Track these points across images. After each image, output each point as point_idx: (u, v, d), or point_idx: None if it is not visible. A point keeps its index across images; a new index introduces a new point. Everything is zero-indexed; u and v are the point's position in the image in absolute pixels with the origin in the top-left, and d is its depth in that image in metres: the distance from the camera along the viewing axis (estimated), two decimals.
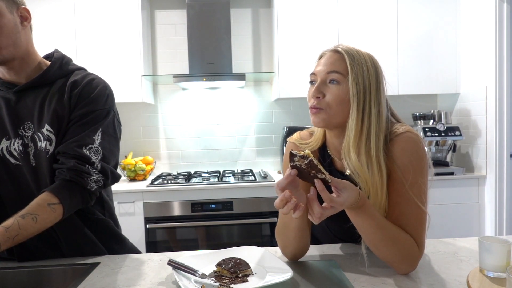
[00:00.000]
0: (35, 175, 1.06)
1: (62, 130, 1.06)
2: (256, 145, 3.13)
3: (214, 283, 0.86)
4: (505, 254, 0.83)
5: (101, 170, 1.06)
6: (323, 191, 0.78)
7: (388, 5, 2.76)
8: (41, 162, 1.05)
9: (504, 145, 2.58)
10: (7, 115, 1.07)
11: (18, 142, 1.06)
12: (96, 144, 1.06)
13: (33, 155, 1.06)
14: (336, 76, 0.95)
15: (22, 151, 1.06)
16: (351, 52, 0.96)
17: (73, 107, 1.07)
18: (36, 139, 1.06)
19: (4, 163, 1.07)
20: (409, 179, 0.92)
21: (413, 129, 0.99)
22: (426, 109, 3.06)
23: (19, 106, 1.08)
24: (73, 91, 1.07)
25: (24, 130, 1.07)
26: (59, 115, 1.06)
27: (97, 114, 1.08)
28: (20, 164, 1.07)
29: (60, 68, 1.11)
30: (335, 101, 0.95)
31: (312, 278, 0.92)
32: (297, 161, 0.79)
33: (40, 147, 1.05)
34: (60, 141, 1.05)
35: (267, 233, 2.50)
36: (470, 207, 2.65)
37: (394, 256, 0.90)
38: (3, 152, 1.07)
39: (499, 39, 2.54)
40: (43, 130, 1.05)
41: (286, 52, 2.75)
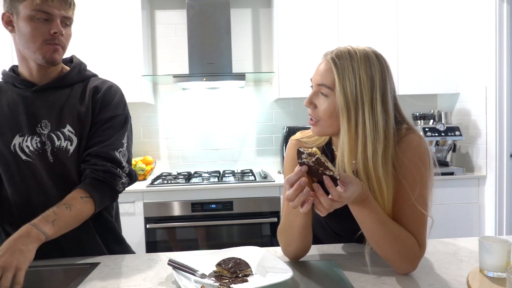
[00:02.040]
0: (54, 171, 1.10)
1: (84, 132, 1.11)
2: (256, 145, 3.13)
3: (214, 283, 0.86)
4: (505, 254, 0.84)
5: (128, 173, 1.14)
6: (331, 188, 0.79)
7: (388, 5, 2.76)
8: (59, 159, 1.10)
9: (504, 145, 2.58)
10: (23, 112, 1.11)
11: (36, 140, 1.10)
12: (124, 148, 1.15)
13: (51, 153, 1.10)
14: (324, 90, 0.95)
15: (40, 148, 1.10)
16: (343, 61, 0.92)
17: (96, 112, 1.13)
18: (53, 138, 1.10)
19: (15, 159, 1.10)
20: (411, 181, 0.92)
21: (415, 130, 0.98)
22: (426, 109, 3.06)
23: (37, 104, 1.12)
24: (95, 97, 1.14)
25: (41, 128, 1.10)
26: (81, 118, 1.12)
27: (120, 119, 1.16)
28: (32, 161, 1.10)
29: (79, 73, 1.18)
30: (325, 114, 0.95)
31: (312, 278, 0.92)
32: (304, 158, 0.80)
33: (59, 146, 1.10)
34: (81, 143, 1.11)
35: (267, 233, 2.50)
36: (470, 207, 2.65)
37: (395, 254, 0.90)
38: (15, 148, 1.10)
39: (499, 39, 2.54)
40: (64, 130, 1.11)
41: (286, 52, 2.75)
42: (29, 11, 1.03)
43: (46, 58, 1.07)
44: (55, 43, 1.06)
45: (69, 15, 1.09)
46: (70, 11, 1.09)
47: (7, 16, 1.08)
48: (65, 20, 1.08)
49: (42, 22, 1.04)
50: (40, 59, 1.07)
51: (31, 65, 1.11)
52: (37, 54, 1.06)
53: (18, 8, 1.05)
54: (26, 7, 1.03)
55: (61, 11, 1.06)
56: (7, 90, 1.15)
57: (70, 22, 1.10)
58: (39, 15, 1.03)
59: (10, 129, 1.11)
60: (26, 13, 1.03)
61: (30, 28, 1.04)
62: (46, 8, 1.03)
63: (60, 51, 1.09)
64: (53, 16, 1.05)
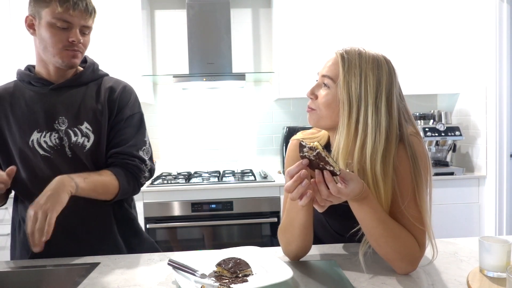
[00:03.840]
0: (72, 165, 1.14)
1: (101, 130, 1.16)
2: (256, 145, 3.13)
3: (214, 283, 0.86)
4: (505, 254, 0.84)
5: (150, 169, 1.22)
6: (331, 183, 0.80)
7: (388, 5, 2.76)
8: (77, 154, 1.15)
9: (504, 145, 2.58)
10: (41, 109, 1.15)
11: (55, 136, 1.14)
12: (147, 145, 1.23)
13: (69, 148, 1.15)
14: (327, 80, 0.96)
15: (58, 144, 1.14)
16: (351, 57, 0.93)
17: (114, 111, 1.19)
18: (70, 134, 1.15)
19: (33, 154, 1.14)
20: (409, 181, 0.92)
21: (415, 129, 0.98)
22: (426, 109, 3.06)
23: (54, 102, 1.16)
24: (111, 97, 1.20)
25: (58, 124, 1.15)
26: (97, 116, 1.17)
27: (137, 117, 1.23)
28: (50, 156, 1.14)
29: (93, 72, 1.23)
30: (323, 104, 0.96)
31: (312, 278, 0.92)
32: (306, 151, 0.80)
33: (75, 142, 1.15)
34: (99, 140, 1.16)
35: (267, 233, 2.50)
36: (470, 207, 2.65)
37: (395, 253, 0.90)
38: (33, 143, 1.14)
39: (499, 39, 2.54)
40: (82, 127, 1.16)
41: (286, 52, 2.75)
42: (51, 18, 1.07)
43: (65, 63, 1.12)
44: (74, 49, 1.11)
45: (89, 24, 1.13)
46: (90, 20, 1.13)
47: (30, 19, 1.12)
48: (84, 29, 1.13)
49: (62, 30, 1.08)
50: (60, 63, 1.12)
51: (50, 66, 1.16)
52: (57, 58, 1.11)
53: (40, 13, 1.09)
54: (48, 13, 1.07)
55: (81, 21, 1.10)
56: (23, 88, 1.18)
57: (89, 30, 1.15)
58: (59, 23, 1.07)
59: (29, 126, 1.14)
60: (47, 19, 1.07)
61: (49, 34, 1.08)
62: (67, 17, 1.07)
63: (79, 56, 1.14)
64: (73, 25, 1.09)
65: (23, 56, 2.52)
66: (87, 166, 1.16)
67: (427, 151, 0.99)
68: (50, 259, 1.12)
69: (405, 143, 0.94)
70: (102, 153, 1.18)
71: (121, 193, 1.15)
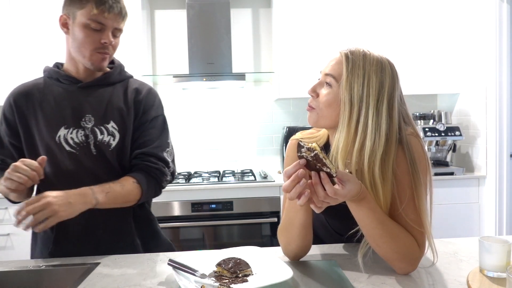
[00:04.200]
0: (96, 162, 1.17)
1: (126, 130, 1.19)
2: (256, 145, 3.13)
3: (214, 283, 0.86)
4: (505, 254, 0.84)
5: (172, 172, 1.25)
6: (327, 184, 0.80)
7: (388, 5, 2.76)
8: (102, 152, 1.18)
9: (504, 145, 2.58)
10: (69, 106, 1.18)
11: (81, 133, 1.17)
12: (170, 147, 1.26)
13: (94, 145, 1.17)
14: (329, 79, 0.95)
15: (84, 141, 1.17)
16: (355, 58, 0.93)
17: (140, 112, 1.22)
18: (96, 132, 1.17)
19: (59, 150, 1.16)
20: (408, 181, 0.92)
21: (414, 130, 0.98)
22: (426, 109, 3.06)
23: (81, 100, 1.19)
24: (137, 98, 1.23)
25: (85, 122, 1.18)
26: (124, 116, 1.20)
27: (161, 119, 1.27)
28: (75, 152, 1.16)
29: (120, 74, 1.26)
30: (324, 103, 0.96)
31: (312, 278, 0.92)
32: (304, 152, 0.80)
33: (101, 140, 1.17)
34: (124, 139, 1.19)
35: (267, 233, 2.50)
36: (470, 207, 2.65)
37: (394, 254, 0.90)
38: (59, 139, 1.16)
39: (499, 39, 2.54)
40: (108, 126, 1.18)
41: (286, 52, 2.75)
42: (85, 19, 1.10)
43: (94, 65, 1.15)
44: (104, 52, 1.14)
45: (121, 27, 1.17)
46: (122, 23, 1.17)
47: (64, 18, 1.15)
48: (116, 32, 1.16)
49: (95, 31, 1.12)
50: (89, 64, 1.15)
51: (79, 65, 1.19)
52: (86, 60, 1.14)
53: (75, 14, 1.11)
54: (83, 14, 1.10)
55: (114, 23, 1.13)
56: (52, 85, 1.21)
57: (120, 33, 1.18)
58: (93, 24, 1.11)
59: (56, 122, 1.17)
60: (82, 20, 1.10)
61: (83, 35, 1.11)
62: (101, 19, 1.11)
63: (107, 59, 1.17)
64: (106, 26, 1.12)
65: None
66: (111, 164, 1.19)
67: (426, 152, 0.98)
68: (49, 259, 1.12)
69: (404, 145, 0.94)
70: (126, 151, 1.21)
71: (142, 199, 1.18)
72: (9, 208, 2.38)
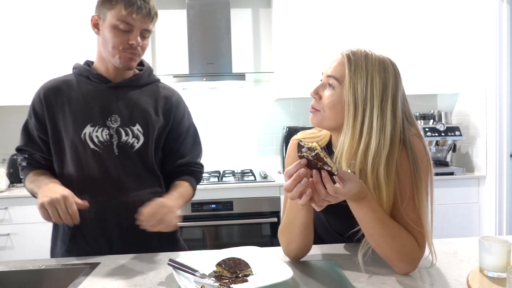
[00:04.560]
0: (119, 161, 1.19)
1: (151, 135, 1.22)
2: (256, 145, 3.13)
3: (214, 283, 0.86)
4: (505, 254, 0.84)
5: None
6: (328, 183, 0.80)
7: (388, 5, 2.76)
8: (124, 153, 1.19)
9: (504, 145, 2.58)
10: (97, 105, 1.19)
11: (106, 132, 1.18)
12: (202, 152, 1.38)
13: (117, 146, 1.19)
14: (332, 81, 0.95)
15: (108, 140, 1.18)
16: (357, 58, 0.92)
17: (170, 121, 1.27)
18: (121, 132, 1.19)
19: (83, 147, 1.18)
20: (409, 181, 0.92)
21: (417, 130, 0.98)
22: (426, 109, 3.06)
23: (110, 99, 1.20)
24: (167, 106, 1.27)
25: (111, 122, 1.19)
26: (152, 122, 1.22)
27: (193, 126, 1.36)
28: (99, 150, 1.18)
29: (148, 76, 1.29)
30: (327, 105, 0.95)
31: (312, 278, 0.92)
32: (304, 152, 0.81)
33: (125, 141, 1.19)
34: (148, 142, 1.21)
35: (267, 233, 2.50)
36: (470, 207, 2.65)
37: (394, 253, 0.90)
38: (85, 136, 1.18)
39: (499, 39, 2.54)
40: (134, 128, 1.20)
41: (286, 52, 2.75)
42: (115, 20, 1.12)
43: (123, 64, 1.17)
44: (132, 52, 1.16)
45: (149, 28, 1.18)
46: (151, 25, 1.18)
47: (95, 19, 1.18)
48: (145, 33, 1.17)
49: (123, 32, 1.13)
50: (118, 63, 1.17)
51: (109, 65, 1.21)
52: (115, 59, 1.16)
53: (106, 15, 1.14)
54: (112, 15, 1.12)
55: (143, 24, 1.15)
56: (81, 82, 1.22)
57: (149, 34, 1.19)
58: (122, 25, 1.12)
59: (83, 119, 1.18)
60: (111, 21, 1.12)
61: (111, 36, 1.13)
62: (130, 20, 1.12)
63: (136, 59, 1.18)
64: (134, 27, 1.14)
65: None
66: (133, 165, 1.21)
67: (429, 152, 0.98)
68: (49, 259, 1.12)
69: (406, 146, 0.94)
70: (149, 154, 1.23)
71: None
72: (9, 208, 2.38)
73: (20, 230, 2.39)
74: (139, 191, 1.21)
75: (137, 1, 1.12)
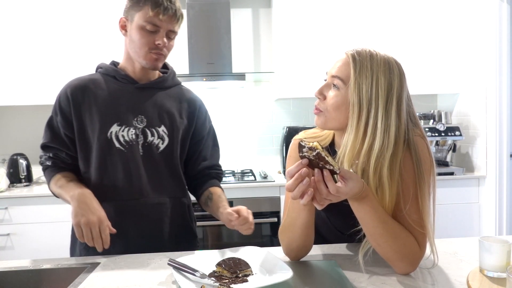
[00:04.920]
0: (142, 162, 1.21)
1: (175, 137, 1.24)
2: (256, 145, 3.13)
3: (214, 283, 0.86)
4: (505, 254, 0.84)
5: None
6: (330, 182, 0.80)
7: (388, 5, 2.76)
8: (149, 153, 1.21)
9: (504, 145, 2.58)
10: (124, 104, 1.21)
11: (132, 131, 1.20)
12: (219, 154, 1.40)
13: (142, 146, 1.21)
14: (337, 81, 0.94)
15: (133, 140, 1.20)
16: (362, 59, 0.91)
17: (193, 124, 1.30)
18: (147, 133, 1.21)
19: (109, 146, 1.19)
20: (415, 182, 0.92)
21: (420, 131, 0.97)
22: (426, 109, 3.06)
23: (136, 100, 1.23)
24: (190, 109, 1.30)
25: (137, 122, 1.21)
26: (176, 123, 1.25)
27: (213, 129, 1.39)
28: (124, 150, 1.19)
29: (172, 79, 1.32)
30: (332, 106, 0.94)
31: (312, 278, 0.92)
32: (305, 152, 0.81)
33: (150, 142, 1.21)
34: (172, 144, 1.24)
35: (267, 233, 2.50)
36: (470, 207, 2.65)
37: (394, 253, 0.89)
38: (111, 135, 1.19)
39: (499, 39, 2.54)
40: (159, 129, 1.23)
41: (286, 52, 2.75)
42: (142, 21, 1.14)
43: (149, 64, 1.19)
44: (157, 52, 1.18)
45: (175, 29, 1.20)
46: (177, 26, 1.20)
47: (123, 21, 1.21)
48: (170, 34, 1.20)
49: (150, 33, 1.16)
50: (144, 63, 1.20)
51: (136, 65, 1.24)
52: (142, 59, 1.19)
53: (133, 16, 1.16)
54: (140, 17, 1.15)
55: (169, 25, 1.17)
56: (108, 82, 1.24)
57: (174, 35, 1.21)
58: (149, 26, 1.15)
59: (110, 118, 1.20)
60: (139, 22, 1.15)
61: (139, 36, 1.16)
62: (156, 21, 1.14)
63: (161, 59, 1.21)
64: (160, 28, 1.16)
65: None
66: (156, 166, 1.22)
67: (432, 153, 0.98)
68: (49, 259, 1.12)
69: (410, 146, 0.94)
70: (174, 156, 1.25)
71: None
72: (9, 208, 2.38)
73: (20, 230, 2.39)
74: (159, 194, 1.23)
75: (164, 2, 1.14)
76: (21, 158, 2.67)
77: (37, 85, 2.60)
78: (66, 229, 2.39)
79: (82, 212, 1.04)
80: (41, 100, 2.59)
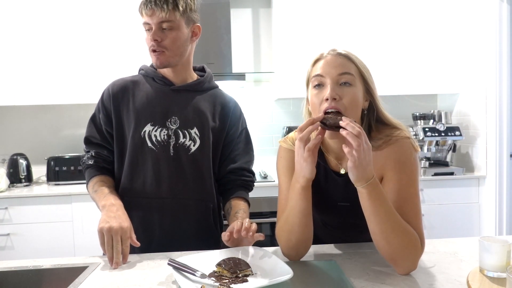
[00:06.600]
0: (172, 163, 1.22)
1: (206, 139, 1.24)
2: (256, 145, 3.12)
3: (214, 283, 0.86)
4: (505, 254, 0.84)
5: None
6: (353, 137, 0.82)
7: (388, 5, 2.76)
8: (180, 154, 1.22)
9: (504, 145, 2.58)
10: (159, 105, 1.23)
11: (164, 132, 1.22)
12: (253, 158, 1.40)
13: (173, 147, 1.22)
14: (349, 77, 0.93)
15: (166, 141, 1.22)
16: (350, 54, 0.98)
17: (227, 126, 1.30)
18: (179, 134, 1.23)
19: (141, 145, 1.21)
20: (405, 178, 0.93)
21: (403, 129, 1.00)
22: (426, 109, 3.06)
23: (171, 101, 1.24)
24: (224, 111, 1.30)
25: (170, 123, 1.23)
26: (208, 126, 1.25)
27: (246, 131, 1.37)
28: (155, 149, 1.21)
29: (209, 82, 1.33)
30: (351, 104, 0.93)
31: (312, 278, 0.92)
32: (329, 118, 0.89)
33: (182, 143, 1.22)
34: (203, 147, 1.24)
35: (267, 233, 2.50)
36: (470, 207, 2.65)
37: (402, 249, 0.88)
38: (144, 134, 1.22)
39: (499, 39, 2.54)
40: (191, 131, 1.23)
41: (286, 52, 2.75)
42: (143, 23, 1.18)
43: (155, 64, 1.21)
44: (154, 49, 1.17)
45: (166, 18, 1.13)
46: (166, 13, 1.12)
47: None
48: (163, 24, 1.15)
49: (148, 32, 1.17)
50: (154, 64, 1.22)
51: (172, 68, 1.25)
52: (152, 61, 1.22)
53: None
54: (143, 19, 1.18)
55: (155, 18, 1.13)
56: (146, 83, 1.28)
57: (169, 26, 1.15)
58: (145, 26, 1.17)
59: (145, 117, 1.22)
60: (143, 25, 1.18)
61: (145, 39, 1.19)
62: (145, 19, 1.16)
63: (163, 55, 1.18)
64: (151, 24, 1.15)
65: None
66: (187, 168, 1.22)
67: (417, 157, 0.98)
68: (49, 259, 1.12)
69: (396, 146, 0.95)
70: (204, 158, 1.25)
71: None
72: (9, 208, 2.38)
73: (20, 230, 2.39)
74: (185, 196, 1.23)
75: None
76: (21, 158, 2.67)
77: (38, 85, 2.60)
78: (66, 229, 2.40)
79: (107, 220, 1.06)
80: (41, 100, 2.59)
